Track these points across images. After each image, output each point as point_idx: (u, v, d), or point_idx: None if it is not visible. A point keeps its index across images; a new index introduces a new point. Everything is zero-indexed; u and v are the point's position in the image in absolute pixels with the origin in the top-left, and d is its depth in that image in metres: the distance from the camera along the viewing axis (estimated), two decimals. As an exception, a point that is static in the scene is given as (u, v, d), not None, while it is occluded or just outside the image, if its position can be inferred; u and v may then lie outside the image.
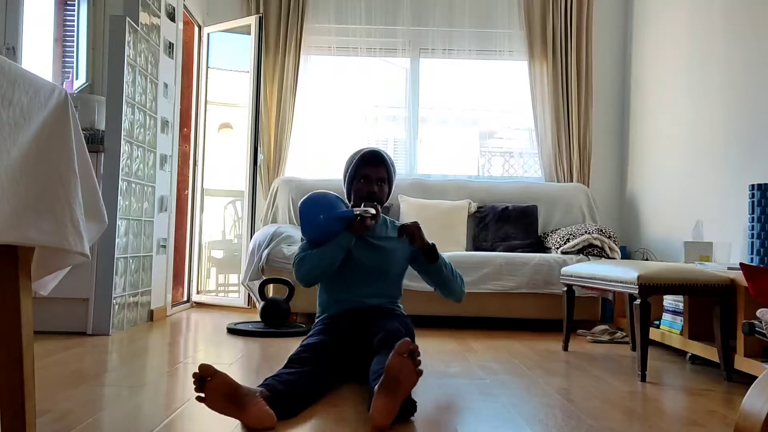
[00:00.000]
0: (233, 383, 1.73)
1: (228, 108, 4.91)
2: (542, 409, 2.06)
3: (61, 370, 2.42)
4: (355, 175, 2.58)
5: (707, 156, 3.69)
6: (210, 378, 1.70)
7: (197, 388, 1.70)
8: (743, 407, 1.31)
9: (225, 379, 1.72)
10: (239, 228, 4.83)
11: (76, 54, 3.93)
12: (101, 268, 3.30)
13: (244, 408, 1.73)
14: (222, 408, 1.72)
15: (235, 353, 2.90)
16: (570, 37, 4.83)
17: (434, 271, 2.58)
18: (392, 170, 2.64)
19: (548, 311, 3.87)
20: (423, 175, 4.95)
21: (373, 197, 2.54)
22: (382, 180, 2.58)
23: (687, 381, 2.62)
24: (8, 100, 1.18)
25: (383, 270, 2.56)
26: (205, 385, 1.70)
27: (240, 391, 1.74)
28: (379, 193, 2.56)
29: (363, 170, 2.56)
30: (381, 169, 2.57)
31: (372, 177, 2.55)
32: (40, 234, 1.23)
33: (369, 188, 2.54)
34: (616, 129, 5.01)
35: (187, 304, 4.60)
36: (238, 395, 1.73)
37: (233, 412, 1.73)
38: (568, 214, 4.55)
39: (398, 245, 2.59)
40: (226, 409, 1.73)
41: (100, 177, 3.30)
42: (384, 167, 2.58)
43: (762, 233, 2.68)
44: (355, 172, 2.58)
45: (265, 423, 1.74)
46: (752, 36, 3.28)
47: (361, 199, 2.54)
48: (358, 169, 2.57)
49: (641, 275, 2.60)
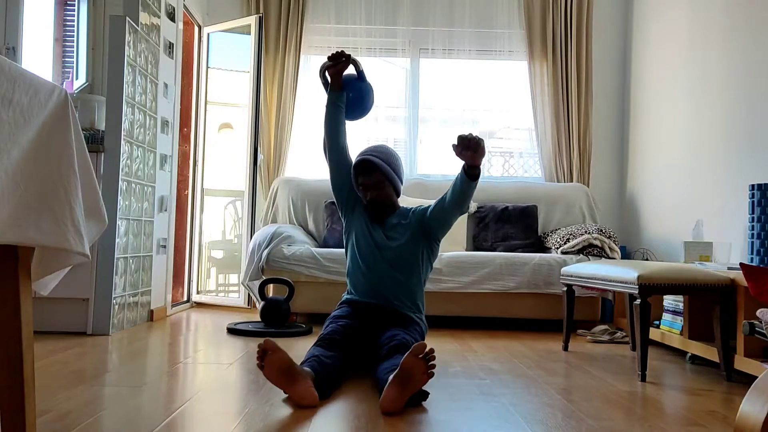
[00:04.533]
0: (289, 360, 1.99)
1: (228, 108, 4.91)
2: (542, 409, 2.06)
3: (61, 370, 2.42)
4: (355, 182, 2.74)
5: (707, 156, 3.69)
6: (271, 352, 1.97)
7: (259, 358, 1.99)
8: (743, 408, 1.31)
9: (283, 356, 1.98)
10: (239, 228, 4.83)
11: (76, 54, 3.93)
12: (101, 268, 3.30)
13: (294, 383, 1.98)
14: (275, 379, 1.99)
15: (235, 353, 2.90)
16: (570, 37, 4.83)
17: (469, 188, 2.56)
18: (390, 168, 2.70)
19: (548, 311, 3.87)
20: (423, 175, 4.95)
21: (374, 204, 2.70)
22: (378, 184, 2.69)
23: (687, 381, 2.62)
24: (8, 100, 1.18)
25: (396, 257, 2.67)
26: (266, 357, 1.97)
27: (294, 368, 1.99)
28: (378, 198, 2.69)
29: (359, 179, 2.71)
30: (374, 175, 2.68)
31: (368, 184, 2.69)
32: (40, 234, 1.23)
33: (366, 195, 2.70)
34: (616, 129, 5.01)
35: (187, 304, 4.60)
36: (292, 372, 1.99)
37: (283, 385, 2.00)
38: (568, 214, 4.55)
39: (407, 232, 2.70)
40: (279, 381, 2.00)
41: (100, 177, 3.30)
42: (378, 171, 2.67)
43: (762, 233, 2.68)
44: (354, 181, 2.75)
45: (307, 401, 1.98)
46: (752, 36, 3.29)
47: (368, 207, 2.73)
48: (355, 179, 2.73)
49: (641, 275, 2.61)
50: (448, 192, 2.64)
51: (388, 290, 2.65)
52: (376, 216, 2.72)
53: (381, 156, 2.69)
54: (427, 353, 1.93)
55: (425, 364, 1.93)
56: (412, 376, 1.93)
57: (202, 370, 2.58)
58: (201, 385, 2.32)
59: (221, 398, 2.16)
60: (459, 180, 2.57)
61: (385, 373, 2.08)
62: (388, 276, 2.66)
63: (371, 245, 2.69)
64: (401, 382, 1.93)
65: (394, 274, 2.66)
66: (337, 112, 2.75)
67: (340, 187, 2.79)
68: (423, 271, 2.74)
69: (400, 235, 2.69)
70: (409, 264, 2.69)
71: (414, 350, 1.93)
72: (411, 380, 1.93)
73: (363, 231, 2.72)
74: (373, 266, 2.68)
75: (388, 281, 2.66)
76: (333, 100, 2.75)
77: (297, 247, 3.95)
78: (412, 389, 1.95)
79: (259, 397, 2.09)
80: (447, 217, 2.66)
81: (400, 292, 2.66)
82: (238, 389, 2.28)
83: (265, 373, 2.00)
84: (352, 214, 2.78)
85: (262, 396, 2.10)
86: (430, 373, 1.94)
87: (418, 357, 1.92)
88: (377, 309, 2.63)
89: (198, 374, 2.51)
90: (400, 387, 1.93)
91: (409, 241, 2.68)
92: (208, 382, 2.37)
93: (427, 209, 2.73)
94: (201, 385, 2.32)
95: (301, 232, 4.36)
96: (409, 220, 2.72)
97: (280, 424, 1.82)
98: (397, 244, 2.68)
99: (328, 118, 2.76)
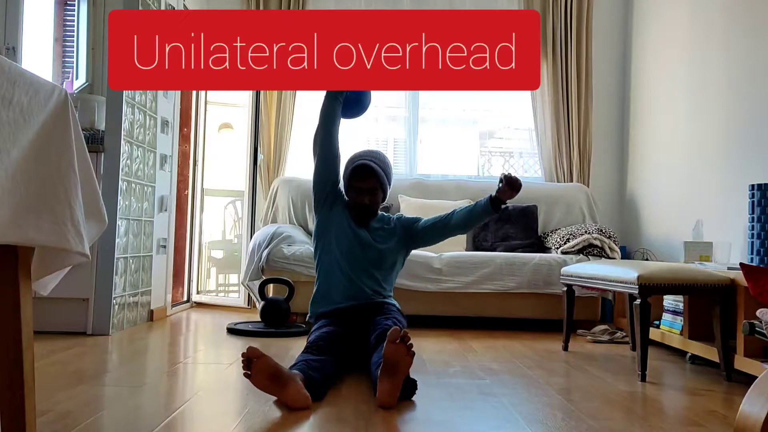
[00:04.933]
0: (276, 366, 1.97)
1: (228, 108, 4.91)
2: (542, 409, 2.06)
3: (61, 370, 2.42)
4: (349, 185, 2.78)
5: (707, 156, 3.69)
6: (256, 359, 1.94)
7: (245, 367, 1.95)
8: (743, 408, 1.31)
9: (269, 362, 1.95)
10: (239, 228, 4.83)
11: (76, 54, 3.93)
12: (101, 268, 3.30)
13: (285, 388, 1.96)
14: (265, 386, 1.96)
15: (235, 353, 2.90)
16: (570, 37, 4.83)
17: (487, 217, 2.75)
18: (385, 175, 2.78)
19: (548, 311, 3.87)
20: (423, 175, 4.95)
21: (365, 209, 2.75)
22: (373, 190, 2.76)
23: (687, 381, 2.62)
24: (8, 100, 1.18)
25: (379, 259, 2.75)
26: (252, 366, 1.94)
27: (282, 373, 1.98)
28: (371, 202, 2.77)
29: (354, 183, 2.75)
30: (371, 181, 2.74)
31: (363, 188, 2.75)
32: (40, 234, 1.23)
33: (360, 200, 2.75)
34: (616, 129, 5.00)
35: (187, 304, 4.60)
36: (281, 377, 1.97)
37: (274, 391, 1.98)
38: (568, 214, 4.55)
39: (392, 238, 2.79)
40: (269, 388, 1.97)
41: (100, 177, 3.30)
42: (375, 178, 2.74)
43: (762, 233, 2.68)
44: (348, 182, 2.78)
45: (300, 403, 1.97)
46: (752, 36, 3.28)
47: (354, 210, 2.77)
48: (350, 180, 2.76)
49: (641, 275, 2.60)
50: (456, 212, 2.78)
51: (366, 287, 2.71)
52: (361, 219, 2.78)
53: (378, 163, 2.77)
54: (402, 336, 2.00)
55: (405, 346, 2.00)
56: (397, 362, 1.99)
57: (202, 370, 2.58)
58: (201, 385, 2.32)
59: (221, 398, 2.16)
60: (482, 208, 2.70)
61: (375, 368, 2.15)
62: (367, 275, 2.73)
63: (354, 243, 2.73)
64: (389, 372, 2.00)
65: (373, 273, 2.74)
66: (336, 105, 2.78)
67: (323, 182, 2.79)
68: (396, 273, 2.88)
69: (383, 239, 2.78)
70: (389, 266, 2.80)
71: (390, 337, 2.00)
72: (397, 366, 2.00)
73: (345, 229, 2.75)
74: (354, 264, 2.71)
75: (367, 280, 2.72)
76: (334, 93, 2.78)
77: (297, 247, 3.95)
78: (402, 374, 2.02)
79: (259, 397, 2.09)
80: (447, 234, 2.82)
81: (375, 287, 2.74)
82: (238, 389, 2.28)
83: (253, 382, 1.96)
84: (330, 211, 2.78)
85: (262, 396, 2.10)
86: (411, 352, 2.01)
87: (396, 343, 1.99)
88: (356, 309, 2.65)
89: (198, 374, 2.51)
90: (390, 378, 2.00)
91: (393, 246, 2.79)
92: (208, 382, 2.37)
93: (416, 221, 2.85)
94: (201, 385, 2.32)
95: (301, 232, 4.36)
96: (393, 227, 2.82)
97: (280, 424, 1.82)
98: (383, 247, 2.76)
99: (324, 111, 2.80)
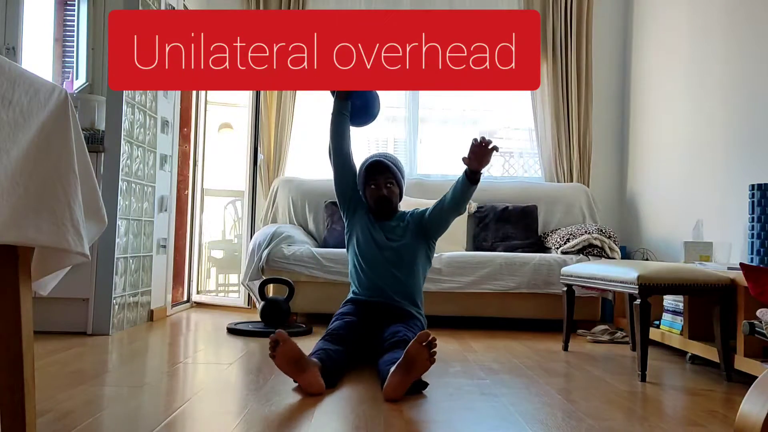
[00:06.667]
0: (299, 351, 2.15)
1: (228, 108, 4.91)
2: (542, 409, 2.06)
3: (61, 370, 2.42)
4: (366, 183, 2.90)
5: (707, 156, 3.69)
6: (282, 343, 2.12)
7: (272, 349, 2.13)
8: (743, 408, 1.31)
9: (293, 347, 2.14)
10: (239, 228, 4.83)
11: (76, 54, 3.93)
12: (101, 268, 3.30)
13: (303, 372, 2.13)
14: (286, 368, 2.15)
15: (235, 353, 2.90)
16: (570, 37, 4.83)
17: (468, 191, 2.74)
18: (399, 170, 2.93)
19: (548, 311, 3.87)
20: (423, 175, 4.95)
21: (385, 201, 2.87)
22: (391, 182, 2.89)
23: (687, 381, 2.62)
24: (8, 100, 1.18)
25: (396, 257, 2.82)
26: (277, 348, 2.12)
27: (303, 359, 2.15)
28: (389, 194, 2.88)
29: (370, 179, 2.89)
30: (385, 174, 2.88)
31: (379, 181, 2.87)
32: (39, 234, 1.23)
33: (379, 192, 2.86)
34: (616, 129, 5.00)
35: (187, 304, 4.60)
36: (301, 362, 2.14)
37: (293, 374, 2.16)
38: (568, 214, 4.55)
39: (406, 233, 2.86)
40: (289, 370, 2.15)
41: (100, 177, 3.30)
42: (390, 171, 2.88)
43: (762, 233, 2.68)
44: (365, 180, 2.90)
45: (314, 389, 2.13)
46: (752, 35, 3.28)
47: (375, 205, 2.88)
48: (367, 178, 2.89)
49: (641, 275, 2.60)
50: (447, 194, 2.82)
51: (388, 288, 2.80)
52: (381, 214, 2.89)
53: (391, 160, 2.94)
54: (430, 341, 2.06)
55: (428, 351, 2.06)
56: (415, 362, 2.06)
57: (202, 370, 2.58)
58: (201, 385, 2.32)
59: (221, 398, 2.16)
60: (460, 182, 2.75)
61: (386, 365, 2.21)
62: (389, 274, 2.81)
63: (372, 246, 2.84)
64: (405, 368, 2.07)
65: (394, 273, 2.81)
66: (342, 121, 2.88)
67: (343, 192, 2.94)
68: (422, 269, 2.91)
69: (398, 236, 2.87)
70: (409, 263, 2.84)
71: (419, 338, 2.07)
72: (414, 366, 2.07)
73: (364, 232, 2.88)
74: (374, 265, 2.83)
75: (388, 280, 2.81)
76: (338, 109, 2.88)
77: (297, 247, 3.95)
78: (415, 375, 2.10)
79: (259, 397, 2.09)
80: (445, 217, 2.85)
81: (399, 289, 2.81)
82: (238, 389, 2.29)
83: (277, 363, 2.14)
84: (353, 217, 2.93)
85: (262, 396, 2.11)
86: (432, 359, 2.08)
87: (422, 344, 2.05)
88: (379, 306, 2.76)
89: (198, 374, 2.51)
90: (403, 373, 2.07)
91: (408, 242, 2.85)
92: (208, 382, 2.37)
93: (425, 211, 2.91)
94: (201, 385, 2.32)
95: (301, 232, 4.36)
96: (406, 222, 2.90)
97: (280, 424, 1.82)
98: (397, 245, 2.84)
99: (333, 126, 2.89)
